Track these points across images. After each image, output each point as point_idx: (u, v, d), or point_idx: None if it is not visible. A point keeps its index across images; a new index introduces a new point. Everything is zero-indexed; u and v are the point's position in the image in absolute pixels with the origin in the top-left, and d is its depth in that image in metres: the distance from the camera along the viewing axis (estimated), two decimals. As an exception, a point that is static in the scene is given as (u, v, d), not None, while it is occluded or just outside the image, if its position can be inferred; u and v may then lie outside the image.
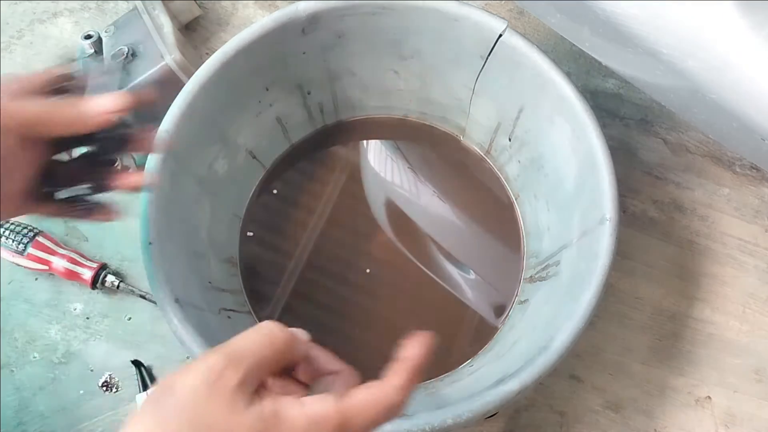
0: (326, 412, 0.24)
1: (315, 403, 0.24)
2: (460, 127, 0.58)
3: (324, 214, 0.55)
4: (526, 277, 0.53)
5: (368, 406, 0.25)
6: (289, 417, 0.24)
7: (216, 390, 0.23)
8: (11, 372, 0.53)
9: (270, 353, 0.25)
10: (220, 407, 0.23)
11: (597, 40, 0.41)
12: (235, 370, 0.24)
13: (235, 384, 0.23)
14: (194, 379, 0.23)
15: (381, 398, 0.25)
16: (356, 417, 0.25)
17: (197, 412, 0.23)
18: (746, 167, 0.61)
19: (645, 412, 0.52)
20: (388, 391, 0.26)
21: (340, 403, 0.24)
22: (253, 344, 0.25)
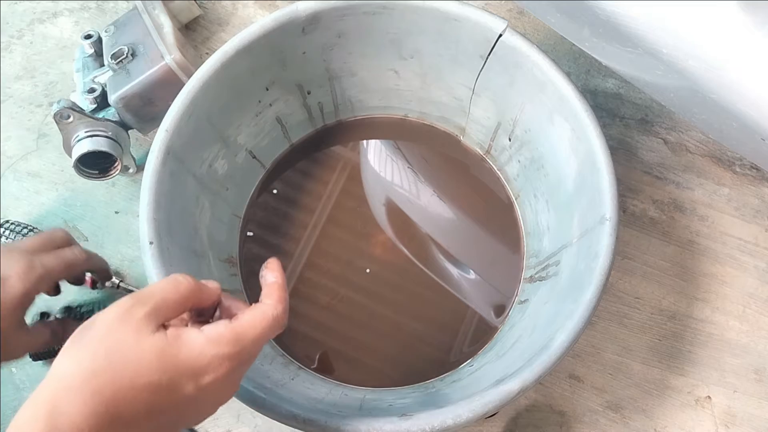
0: (221, 332, 0.29)
1: (210, 328, 0.30)
2: (460, 127, 0.58)
3: (324, 214, 0.55)
4: (526, 277, 0.53)
5: (255, 321, 0.31)
6: (189, 338, 0.29)
7: (125, 321, 0.28)
8: (11, 372, 0.53)
9: (174, 295, 0.30)
10: (128, 333, 0.28)
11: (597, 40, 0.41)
12: (142, 305, 0.29)
13: (142, 316, 0.28)
14: (108, 315, 0.28)
15: (264, 314, 0.31)
16: (247, 332, 0.30)
17: (110, 338, 0.27)
18: (746, 167, 0.61)
19: (645, 412, 0.52)
20: (267, 308, 0.32)
21: (232, 324, 0.30)
22: (159, 288, 0.30)
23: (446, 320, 0.52)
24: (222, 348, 0.29)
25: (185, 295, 0.30)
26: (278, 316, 0.32)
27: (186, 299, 0.30)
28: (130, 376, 0.27)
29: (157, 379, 0.27)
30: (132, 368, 0.27)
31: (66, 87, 0.63)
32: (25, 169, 0.60)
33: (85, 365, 0.27)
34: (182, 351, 0.28)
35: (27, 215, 0.58)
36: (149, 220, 0.41)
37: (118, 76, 0.54)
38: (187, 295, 0.30)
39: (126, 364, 0.27)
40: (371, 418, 0.36)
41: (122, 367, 0.27)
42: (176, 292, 0.30)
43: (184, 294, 0.30)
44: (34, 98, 0.63)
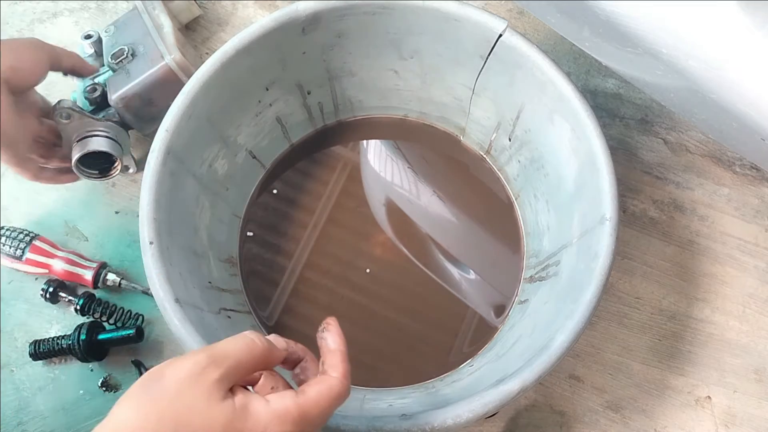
0: (287, 408, 0.29)
1: (277, 400, 0.29)
2: (460, 127, 0.58)
3: (324, 214, 0.55)
4: (526, 277, 0.53)
5: (322, 397, 0.30)
6: (257, 410, 0.28)
7: (198, 382, 0.27)
8: (11, 372, 0.53)
9: (248, 359, 0.29)
10: (199, 397, 0.27)
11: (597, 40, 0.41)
12: (216, 367, 0.28)
13: (215, 379, 0.28)
14: (180, 371, 0.27)
15: (331, 390, 0.30)
16: (312, 409, 0.30)
17: (180, 399, 0.27)
18: (746, 167, 0.61)
19: (645, 412, 0.52)
20: (334, 382, 0.31)
21: (297, 399, 0.29)
22: (234, 349, 0.29)
23: (446, 320, 0.52)
24: (287, 426, 0.29)
25: (258, 359, 0.30)
26: (344, 392, 0.31)
27: (258, 363, 0.30)
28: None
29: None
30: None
31: (66, 87, 0.63)
32: (25, 169, 0.59)
33: (152, 426, 0.26)
34: (248, 424, 0.28)
35: (27, 215, 0.58)
36: (149, 220, 0.41)
37: (118, 76, 0.54)
38: (260, 359, 0.30)
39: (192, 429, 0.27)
40: (371, 418, 0.36)
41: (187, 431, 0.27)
42: (251, 355, 0.30)
43: (257, 358, 0.30)
44: (34, 98, 0.63)
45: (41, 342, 0.51)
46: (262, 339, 0.31)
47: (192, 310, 0.41)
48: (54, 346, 0.51)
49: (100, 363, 0.52)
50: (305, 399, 0.30)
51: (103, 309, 0.53)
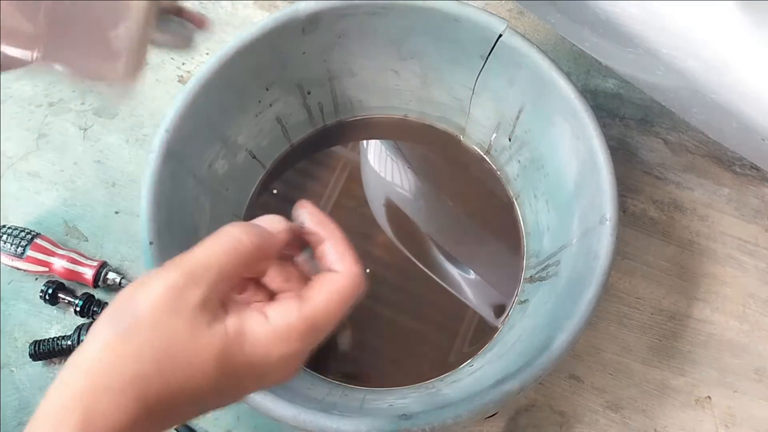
0: (289, 324, 0.24)
1: (278, 316, 0.24)
2: (460, 127, 0.58)
3: (324, 214, 0.55)
4: (526, 277, 0.53)
5: (330, 302, 0.25)
6: (254, 333, 0.24)
7: (176, 309, 0.22)
8: (11, 372, 0.53)
9: (234, 264, 0.24)
10: (181, 326, 0.22)
11: (597, 40, 0.41)
12: (196, 286, 0.23)
13: (197, 302, 0.23)
14: (154, 298, 0.23)
15: (339, 291, 0.25)
16: (320, 318, 0.25)
17: (158, 332, 0.22)
18: (746, 167, 0.61)
19: (645, 412, 0.52)
20: (343, 280, 0.26)
21: (302, 309, 0.24)
22: (215, 255, 0.24)
23: (446, 320, 0.52)
24: (292, 345, 0.24)
25: (249, 259, 0.24)
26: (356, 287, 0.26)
27: (250, 263, 0.24)
28: (181, 382, 0.22)
29: (213, 382, 0.23)
30: (184, 373, 0.22)
31: (66, 87, 0.63)
32: (25, 169, 0.60)
33: (129, 365, 0.22)
34: (245, 349, 0.23)
35: (27, 215, 0.58)
36: (149, 220, 0.41)
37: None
38: (252, 258, 0.24)
39: (178, 368, 0.22)
40: (371, 418, 0.36)
41: (173, 372, 0.22)
42: (237, 258, 0.24)
43: (248, 258, 0.24)
44: (34, 98, 0.63)
45: (41, 342, 0.51)
46: (249, 231, 0.25)
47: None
48: (54, 347, 0.51)
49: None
50: (311, 308, 0.24)
51: (102, 310, 0.53)
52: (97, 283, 0.53)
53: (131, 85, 0.35)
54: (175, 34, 0.42)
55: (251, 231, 0.25)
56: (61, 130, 0.61)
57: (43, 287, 0.53)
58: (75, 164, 0.60)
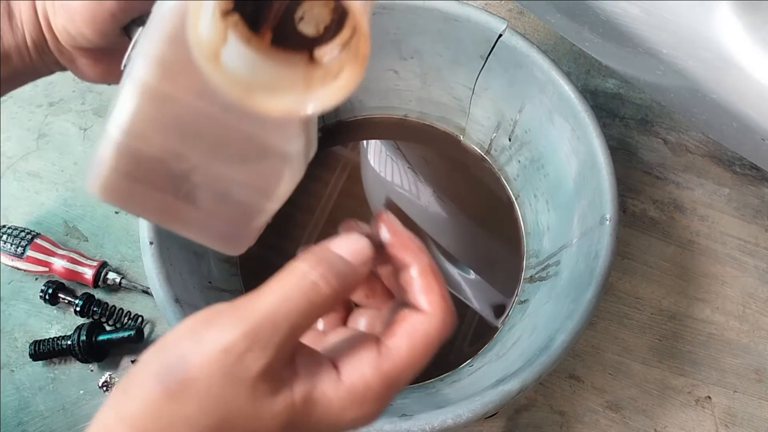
0: (366, 383, 0.20)
1: (354, 373, 0.20)
2: (460, 127, 0.58)
3: (324, 214, 0.55)
4: (526, 277, 0.53)
5: (414, 353, 0.21)
6: (325, 397, 0.20)
7: (234, 378, 0.19)
8: (11, 372, 0.53)
9: (309, 318, 0.20)
10: (240, 399, 0.19)
11: (597, 40, 0.41)
12: (261, 352, 0.19)
13: (259, 371, 0.19)
14: (208, 359, 0.19)
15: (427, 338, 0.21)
16: (402, 373, 0.21)
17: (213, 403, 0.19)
18: (746, 167, 0.61)
19: (645, 412, 0.52)
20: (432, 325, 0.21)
21: (382, 366, 0.20)
22: (285, 310, 0.19)
23: (446, 320, 0.52)
24: (366, 407, 0.21)
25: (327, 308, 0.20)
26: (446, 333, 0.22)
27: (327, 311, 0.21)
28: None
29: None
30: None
31: (66, 87, 0.63)
32: (25, 169, 0.60)
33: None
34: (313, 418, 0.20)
35: (27, 215, 0.58)
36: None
37: None
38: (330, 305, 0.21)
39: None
40: (371, 418, 0.36)
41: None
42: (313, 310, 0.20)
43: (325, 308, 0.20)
44: (34, 98, 0.63)
45: (41, 342, 0.51)
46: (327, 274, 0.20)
47: (192, 310, 0.41)
48: (54, 347, 0.51)
49: (100, 364, 0.52)
50: (391, 363, 0.20)
51: (102, 310, 0.53)
52: (97, 283, 0.53)
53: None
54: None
55: (329, 273, 0.20)
56: (61, 130, 0.61)
57: (43, 287, 0.53)
58: (75, 164, 0.60)
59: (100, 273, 0.53)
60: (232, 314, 0.20)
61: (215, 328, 0.19)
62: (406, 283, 0.22)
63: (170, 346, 0.20)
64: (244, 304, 0.20)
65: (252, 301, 0.20)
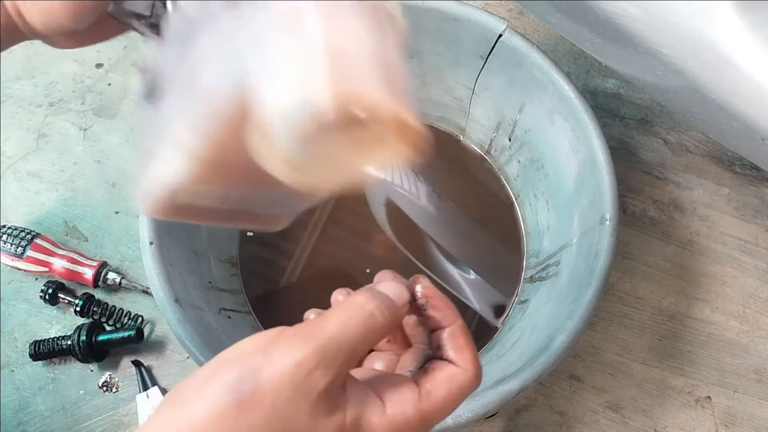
0: (406, 418, 0.22)
1: (397, 408, 0.23)
2: (460, 127, 0.58)
3: (324, 214, 0.55)
4: (526, 277, 0.53)
5: (449, 400, 0.23)
6: (370, 425, 0.22)
7: (301, 393, 0.21)
8: (11, 372, 0.53)
9: (367, 343, 0.22)
10: (302, 413, 0.21)
11: (597, 40, 0.41)
12: (327, 368, 0.21)
13: (323, 387, 0.21)
14: (280, 373, 0.21)
15: (461, 389, 0.24)
16: (435, 414, 0.23)
17: (277, 413, 0.21)
18: (746, 167, 0.61)
19: (645, 412, 0.52)
20: (467, 379, 0.24)
21: (422, 405, 0.23)
22: (349, 333, 0.22)
23: (446, 320, 0.52)
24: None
25: (381, 337, 0.23)
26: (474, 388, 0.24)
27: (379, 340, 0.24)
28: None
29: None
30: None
31: (66, 87, 0.63)
32: (25, 169, 0.60)
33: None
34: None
35: (27, 215, 0.58)
36: (149, 220, 0.41)
37: None
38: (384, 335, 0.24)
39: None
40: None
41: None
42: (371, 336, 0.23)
43: (380, 335, 0.23)
44: (34, 98, 0.63)
45: (41, 342, 0.51)
46: (382, 306, 0.23)
47: (192, 310, 0.41)
48: (54, 347, 0.51)
49: (100, 364, 0.52)
50: (430, 404, 0.23)
51: (102, 310, 0.53)
52: (97, 283, 0.53)
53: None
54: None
55: (383, 305, 0.23)
56: (61, 130, 0.61)
57: (43, 287, 0.53)
58: (75, 164, 0.60)
59: (100, 273, 0.53)
60: (300, 335, 0.22)
61: (285, 346, 0.21)
62: (442, 341, 0.25)
63: (241, 359, 0.21)
64: (310, 325, 0.22)
65: (317, 324, 0.22)
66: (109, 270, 0.54)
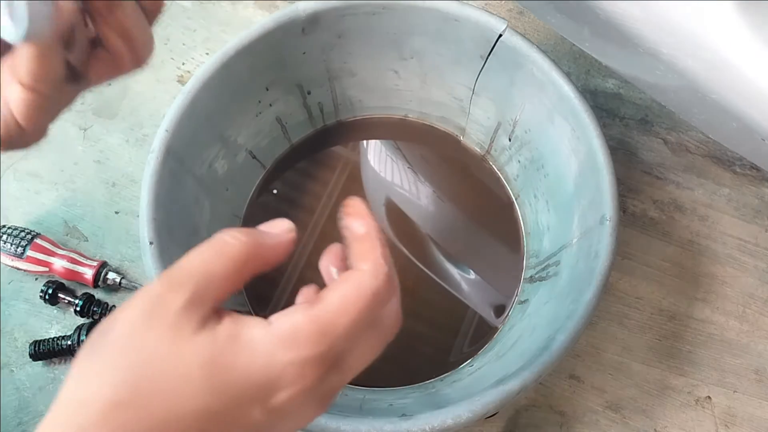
0: (295, 325, 0.20)
1: (282, 319, 0.21)
2: (460, 127, 0.58)
3: (324, 214, 0.55)
4: (526, 277, 0.53)
5: (347, 302, 0.21)
6: (252, 338, 0.20)
7: (155, 318, 0.19)
8: (11, 372, 0.53)
9: (222, 266, 0.21)
10: (161, 338, 0.19)
11: (597, 40, 0.41)
12: (179, 291, 0.20)
13: (179, 307, 0.20)
14: (131, 311, 0.20)
15: (360, 288, 0.21)
16: (337, 319, 0.21)
17: (134, 349, 0.19)
18: (746, 167, 0.61)
19: (645, 412, 0.52)
20: (364, 277, 0.22)
21: (312, 310, 0.21)
22: (198, 259, 0.21)
23: (446, 320, 0.52)
24: (300, 350, 0.20)
25: (239, 261, 0.21)
26: (381, 286, 0.22)
27: (242, 266, 0.22)
28: (166, 405, 0.19)
29: (205, 404, 0.19)
30: (168, 392, 0.19)
31: (66, 87, 0.63)
32: (25, 169, 0.60)
33: (104, 392, 0.19)
34: (241, 359, 0.20)
35: (27, 215, 0.58)
36: (149, 220, 0.41)
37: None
38: (243, 260, 0.22)
39: (159, 387, 0.19)
40: (371, 418, 0.36)
41: (154, 392, 0.19)
42: (225, 259, 0.21)
43: (237, 259, 0.21)
44: (34, 98, 0.62)
45: (41, 342, 0.51)
46: (237, 233, 0.22)
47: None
48: (54, 347, 0.51)
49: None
50: (323, 308, 0.21)
51: (102, 310, 0.53)
52: (97, 283, 0.53)
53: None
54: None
55: (239, 232, 0.22)
56: (61, 130, 0.61)
57: (43, 287, 0.53)
58: (75, 164, 0.60)
59: (100, 273, 0.53)
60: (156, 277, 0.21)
61: (141, 290, 0.21)
62: (351, 251, 0.23)
63: (102, 322, 0.21)
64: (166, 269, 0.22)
65: (172, 265, 0.22)
66: (109, 270, 0.54)
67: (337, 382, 0.22)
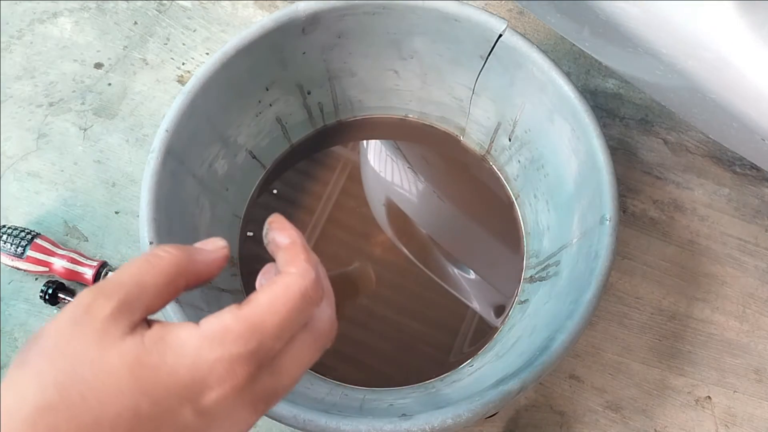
0: (223, 325, 0.20)
1: (210, 320, 0.21)
2: (460, 127, 0.58)
3: (324, 214, 0.55)
4: (526, 277, 0.53)
5: (276, 302, 0.21)
6: (179, 338, 0.20)
7: (82, 325, 0.20)
8: (11, 372, 0.53)
9: (152, 278, 0.21)
10: (87, 343, 0.19)
11: (597, 40, 0.41)
12: (106, 299, 0.20)
13: (107, 314, 0.20)
14: (60, 320, 0.20)
15: (288, 289, 0.22)
16: (266, 317, 0.21)
17: (61, 354, 0.19)
18: (746, 167, 0.61)
19: (645, 412, 0.52)
20: (291, 279, 0.22)
21: (240, 311, 0.21)
22: (129, 271, 0.21)
23: (446, 320, 0.52)
24: (228, 348, 0.20)
25: (170, 273, 0.22)
26: (308, 287, 0.22)
27: (173, 278, 0.22)
28: (95, 406, 0.19)
29: (133, 405, 0.19)
30: (97, 393, 0.19)
31: (66, 87, 0.63)
32: (25, 169, 0.60)
33: (32, 397, 0.18)
34: (168, 359, 0.20)
35: (27, 215, 0.58)
36: (149, 220, 0.41)
37: None
38: (174, 272, 0.22)
39: (87, 389, 0.19)
40: (371, 418, 0.36)
41: (82, 394, 0.19)
42: (154, 271, 0.21)
43: (168, 272, 0.22)
44: (34, 98, 0.63)
45: (41, 342, 0.51)
46: (172, 249, 0.22)
47: (192, 311, 0.41)
48: None
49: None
50: (252, 308, 0.21)
51: None
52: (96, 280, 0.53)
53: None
54: None
55: (172, 247, 0.23)
56: (61, 130, 0.61)
57: (43, 287, 0.53)
58: (75, 164, 0.60)
59: (100, 273, 0.53)
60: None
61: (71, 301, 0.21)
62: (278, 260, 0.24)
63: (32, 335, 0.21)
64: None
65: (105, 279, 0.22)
66: (109, 270, 0.54)
67: (270, 383, 0.22)
